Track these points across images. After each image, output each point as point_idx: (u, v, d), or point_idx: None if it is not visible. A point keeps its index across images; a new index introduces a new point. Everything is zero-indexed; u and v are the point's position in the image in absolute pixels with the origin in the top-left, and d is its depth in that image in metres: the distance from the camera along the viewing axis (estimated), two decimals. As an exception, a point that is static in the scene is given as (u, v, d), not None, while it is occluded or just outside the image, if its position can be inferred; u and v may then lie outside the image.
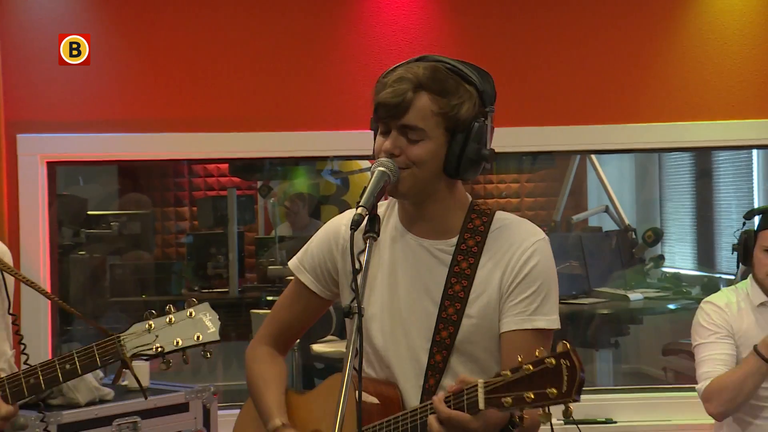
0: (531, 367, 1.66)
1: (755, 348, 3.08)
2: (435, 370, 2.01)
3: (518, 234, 2.03)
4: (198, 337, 1.86)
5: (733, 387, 3.13)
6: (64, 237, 5.85)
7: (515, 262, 2.00)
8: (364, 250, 1.83)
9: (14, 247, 3.69)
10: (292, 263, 2.21)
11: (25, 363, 2.18)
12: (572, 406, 1.65)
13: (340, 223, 2.17)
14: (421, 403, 1.98)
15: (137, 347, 1.86)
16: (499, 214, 2.07)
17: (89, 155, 3.93)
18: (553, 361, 1.64)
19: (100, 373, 3.18)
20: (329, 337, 5.20)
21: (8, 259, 2.15)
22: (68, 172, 6.88)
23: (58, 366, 1.91)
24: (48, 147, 3.80)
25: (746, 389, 3.14)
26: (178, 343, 1.85)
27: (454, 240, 2.04)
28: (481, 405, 1.72)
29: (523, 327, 1.98)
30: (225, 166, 7.92)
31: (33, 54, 3.79)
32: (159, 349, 1.85)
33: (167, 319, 1.86)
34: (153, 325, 1.86)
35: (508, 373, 1.68)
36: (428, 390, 2.00)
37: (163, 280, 6.89)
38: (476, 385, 1.73)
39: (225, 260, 6.83)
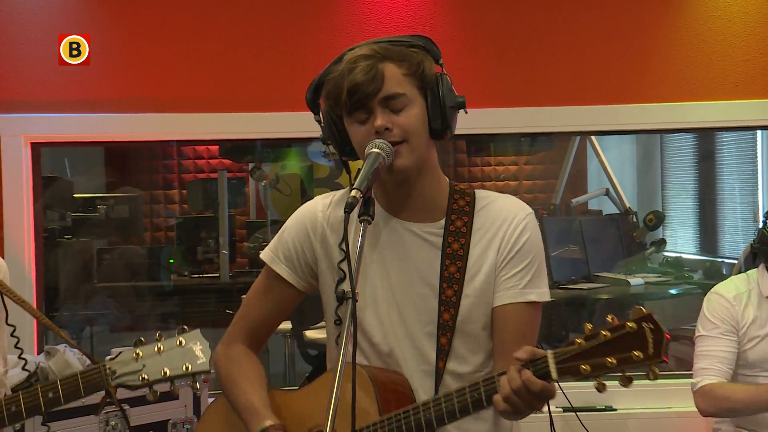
0: (608, 333, 1.69)
1: None
2: (442, 353, 2.04)
3: (507, 209, 2.08)
4: (187, 368, 1.84)
5: (736, 404, 3.18)
6: (49, 221, 5.84)
7: (509, 237, 2.05)
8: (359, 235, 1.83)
9: (-2, 232, 3.69)
10: (265, 254, 2.19)
11: (23, 369, 2.20)
12: (656, 369, 1.68)
13: (315, 209, 2.16)
14: (435, 386, 2.02)
15: (123, 376, 1.85)
16: (480, 193, 2.12)
17: (75, 136, 3.91)
18: (634, 325, 1.67)
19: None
20: (322, 323, 5.20)
21: (3, 273, 2.13)
22: (54, 154, 6.87)
23: (41, 394, 1.90)
24: (32, 127, 3.78)
25: (746, 412, 3.20)
26: (165, 373, 1.83)
27: (442, 222, 2.07)
28: (554, 375, 1.75)
29: (516, 300, 2.04)
30: (215, 147, 7.92)
31: (30, 51, 3.76)
32: (145, 380, 1.84)
33: (155, 348, 1.84)
34: (141, 354, 1.84)
35: (582, 341, 1.71)
36: (439, 372, 2.03)
37: (152, 265, 6.88)
38: (545, 357, 1.76)
39: (216, 244, 6.83)
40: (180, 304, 6.65)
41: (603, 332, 1.70)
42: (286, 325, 5.63)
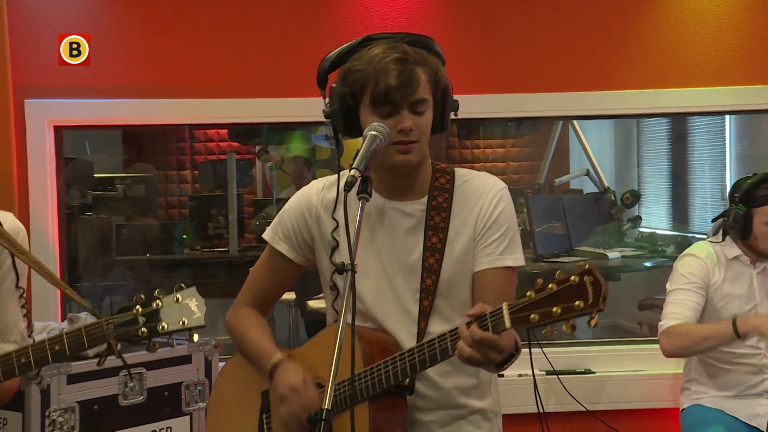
0: (555, 286, 1.73)
1: (734, 319, 3.10)
2: (423, 314, 2.08)
3: (484, 185, 2.14)
4: (183, 322, 1.84)
5: (694, 338, 3.18)
6: (71, 199, 5.84)
7: (486, 209, 2.10)
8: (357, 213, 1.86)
9: (24, 209, 3.68)
10: (267, 234, 2.24)
11: (29, 336, 2.19)
12: (596, 317, 1.72)
13: (310, 193, 2.22)
14: (417, 343, 2.05)
15: (123, 331, 1.85)
16: (459, 171, 2.17)
17: (94, 120, 3.90)
18: (576, 278, 1.71)
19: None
20: (323, 295, 5.20)
21: (22, 238, 2.13)
22: (75, 137, 6.85)
23: (48, 347, 1.90)
24: (55, 112, 3.77)
25: (704, 346, 3.21)
26: (163, 327, 1.83)
27: (425, 198, 2.12)
28: (507, 324, 1.78)
29: (494, 266, 2.09)
30: (225, 131, 7.90)
31: (35, 49, 3.74)
32: (144, 333, 1.84)
33: (154, 304, 1.84)
34: (140, 310, 1.84)
35: (532, 294, 1.75)
36: (421, 331, 2.08)
37: (167, 240, 6.88)
38: (501, 309, 1.80)
39: (225, 221, 6.83)
40: (192, 275, 6.65)
41: (550, 285, 1.74)
42: (290, 296, 5.65)
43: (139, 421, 3.18)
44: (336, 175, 2.17)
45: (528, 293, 1.76)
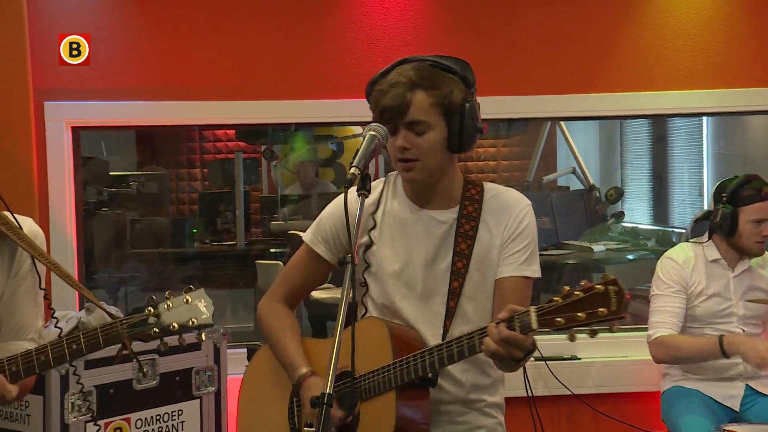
0: (581, 293, 1.76)
1: (720, 338, 3.14)
2: (449, 314, 2.13)
3: (512, 200, 2.17)
4: (193, 322, 1.84)
5: (684, 353, 3.24)
6: (88, 196, 5.84)
7: (513, 221, 2.14)
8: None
9: (43, 206, 3.68)
10: (306, 237, 2.28)
11: (55, 326, 2.16)
12: (617, 323, 1.75)
13: (350, 198, 2.21)
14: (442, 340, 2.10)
15: (136, 331, 1.85)
16: (488, 185, 2.21)
17: (110, 121, 3.90)
18: (602, 287, 1.75)
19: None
20: (326, 285, 5.21)
21: (41, 241, 2.12)
22: (92, 138, 6.85)
23: (66, 346, 1.91)
24: (72, 113, 3.76)
25: (691, 360, 3.27)
26: (174, 326, 1.83)
27: (457, 208, 2.16)
28: (534, 325, 1.81)
29: (516, 274, 2.13)
30: (232, 131, 7.89)
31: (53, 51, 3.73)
32: (156, 332, 1.85)
33: (165, 305, 1.85)
34: (152, 310, 1.84)
35: (559, 299, 1.78)
36: (446, 329, 2.13)
37: (177, 234, 6.88)
38: (528, 311, 1.82)
39: (233, 216, 6.83)
40: (201, 268, 6.66)
41: (576, 292, 1.77)
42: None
43: (152, 404, 3.18)
44: (378, 180, 2.23)
45: (555, 298, 1.79)
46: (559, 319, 1.77)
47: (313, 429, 1.69)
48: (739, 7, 3.93)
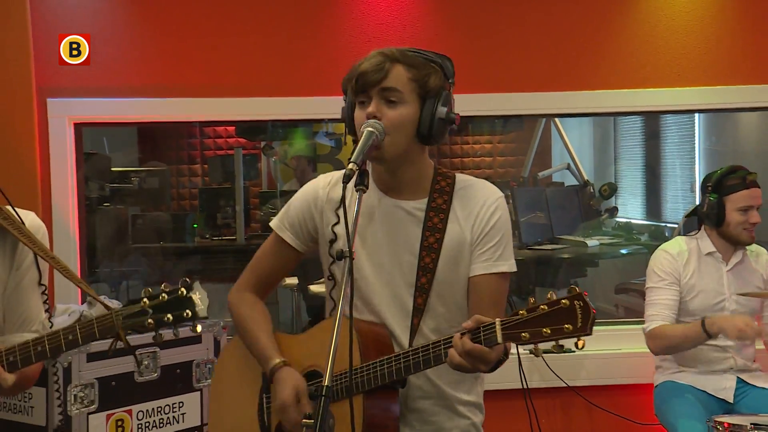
0: (546, 307, 1.71)
1: (703, 320, 3.14)
2: (417, 311, 2.05)
3: (483, 192, 2.09)
4: (187, 314, 1.83)
5: (673, 340, 3.24)
6: (90, 191, 5.83)
7: (483, 215, 2.05)
8: (355, 202, 1.87)
9: (46, 201, 3.68)
10: (273, 223, 2.22)
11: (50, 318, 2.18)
12: (583, 339, 1.71)
13: (317, 186, 2.18)
14: (410, 340, 2.04)
15: (132, 322, 1.85)
16: (460, 176, 2.13)
17: (112, 117, 3.89)
18: (567, 302, 1.69)
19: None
20: (323, 280, 5.20)
21: (42, 235, 2.11)
22: (94, 134, 6.83)
23: (62, 337, 1.90)
24: (75, 110, 3.76)
25: (682, 347, 3.27)
26: (168, 319, 1.83)
27: (425, 199, 2.08)
28: (499, 339, 1.76)
29: (490, 271, 2.05)
30: (232, 128, 7.88)
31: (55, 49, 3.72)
32: (150, 324, 1.84)
33: (160, 297, 1.84)
34: (147, 303, 1.83)
35: (524, 312, 1.73)
36: (414, 328, 2.05)
37: (178, 229, 6.88)
38: (494, 324, 1.77)
39: (233, 211, 6.82)
40: (202, 262, 6.65)
41: (542, 306, 1.71)
42: (292, 281, 5.65)
43: (153, 396, 3.19)
44: (341, 171, 2.17)
45: (521, 311, 1.73)
46: (524, 334, 1.72)
47: (312, 421, 1.67)
48: (729, 7, 3.94)
